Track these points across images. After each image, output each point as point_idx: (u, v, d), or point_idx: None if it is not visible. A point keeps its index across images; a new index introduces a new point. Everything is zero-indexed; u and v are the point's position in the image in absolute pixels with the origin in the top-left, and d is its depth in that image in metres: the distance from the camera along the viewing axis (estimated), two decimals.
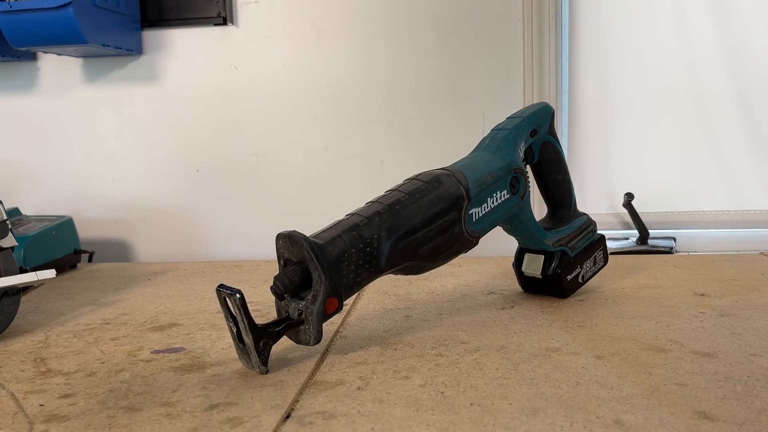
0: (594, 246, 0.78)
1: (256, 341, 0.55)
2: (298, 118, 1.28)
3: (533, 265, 0.76)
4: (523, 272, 0.77)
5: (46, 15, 1.07)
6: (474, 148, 0.73)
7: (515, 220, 0.72)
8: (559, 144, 0.78)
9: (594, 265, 0.79)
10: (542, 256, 0.75)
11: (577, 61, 1.28)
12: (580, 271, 0.77)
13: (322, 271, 0.55)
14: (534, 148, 0.76)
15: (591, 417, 0.46)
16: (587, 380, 0.53)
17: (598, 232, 0.80)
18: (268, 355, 0.56)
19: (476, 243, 0.67)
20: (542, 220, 0.79)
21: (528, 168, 0.76)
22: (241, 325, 0.55)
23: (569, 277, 0.76)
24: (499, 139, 0.71)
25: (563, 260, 0.75)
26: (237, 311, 0.55)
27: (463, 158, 0.70)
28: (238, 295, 0.54)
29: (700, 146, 1.28)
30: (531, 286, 0.79)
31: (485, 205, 0.67)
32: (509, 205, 0.69)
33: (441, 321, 0.71)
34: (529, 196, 0.72)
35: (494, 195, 0.67)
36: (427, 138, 1.25)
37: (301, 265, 0.57)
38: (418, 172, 0.66)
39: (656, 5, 1.26)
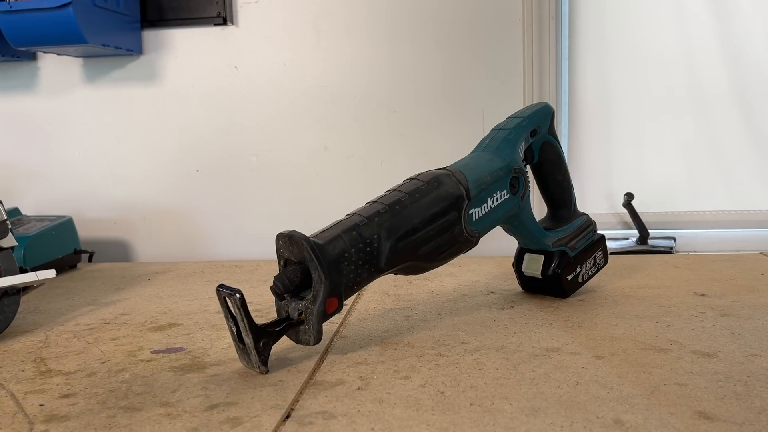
0: (594, 246, 0.78)
1: (256, 341, 0.55)
2: (298, 118, 1.28)
3: (533, 265, 0.76)
4: (523, 272, 0.77)
5: (46, 15, 1.07)
6: (474, 148, 0.73)
7: (515, 220, 0.72)
8: (559, 144, 0.78)
9: (594, 265, 0.79)
10: (542, 256, 0.75)
11: (577, 61, 1.28)
12: (580, 271, 0.77)
13: (322, 271, 0.55)
14: (534, 148, 0.76)
15: (591, 417, 0.46)
16: (587, 380, 0.53)
17: (598, 232, 0.80)
18: (268, 355, 0.56)
19: (476, 243, 0.67)
20: (542, 220, 0.79)
21: (528, 168, 0.76)
22: (241, 325, 0.55)
23: (569, 277, 0.76)
24: (499, 139, 0.71)
25: (563, 260, 0.75)
26: (237, 311, 0.55)
27: (463, 158, 0.70)
28: (238, 295, 0.54)
29: (700, 146, 1.28)
30: (531, 286, 0.79)
31: (485, 205, 0.67)
32: (509, 205, 0.69)
33: (441, 321, 0.71)
34: (529, 196, 0.72)
35: (494, 195, 0.67)
36: (426, 138, 1.25)
37: (301, 265, 0.57)
38: (418, 172, 0.66)
39: (656, 5, 1.26)
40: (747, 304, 0.74)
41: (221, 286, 0.56)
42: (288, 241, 0.58)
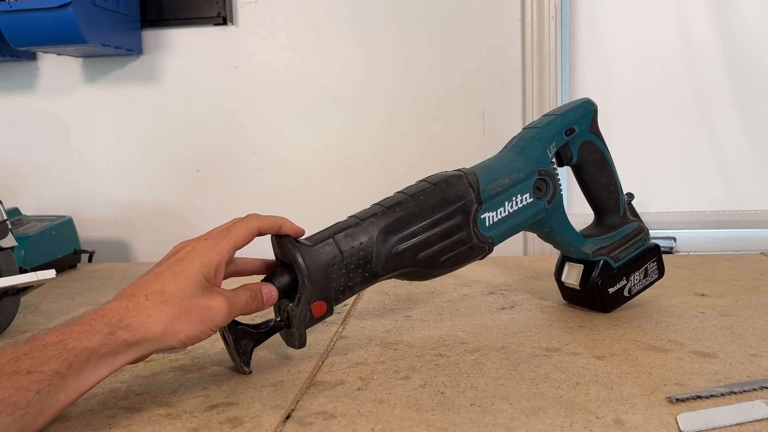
0: (645, 256, 0.72)
1: (236, 342, 0.55)
2: (298, 118, 1.28)
3: (572, 274, 0.71)
4: (563, 282, 0.73)
5: (46, 15, 1.07)
6: (502, 147, 0.69)
7: (545, 226, 0.67)
8: (604, 143, 0.72)
9: (645, 277, 0.72)
10: (581, 266, 0.70)
11: (577, 61, 1.28)
12: (626, 284, 0.71)
13: (304, 275, 0.54)
14: (572, 147, 0.70)
15: (591, 417, 0.46)
16: (587, 380, 0.53)
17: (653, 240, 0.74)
18: (250, 355, 0.56)
19: (490, 250, 0.63)
20: (587, 227, 0.74)
21: (561, 170, 0.70)
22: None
23: (612, 290, 0.70)
24: (526, 138, 0.67)
25: (604, 271, 0.69)
26: None
27: (487, 159, 0.66)
28: None
29: (700, 146, 1.28)
30: (572, 298, 0.74)
31: (501, 209, 0.63)
32: (532, 211, 0.65)
33: (441, 321, 0.71)
34: (560, 200, 0.67)
35: (513, 199, 0.63)
36: (426, 138, 1.25)
37: (290, 267, 0.56)
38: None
39: (656, 5, 1.26)
40: (747, 304, 0.74)
41: None
42: (276, 242, 0.58)
